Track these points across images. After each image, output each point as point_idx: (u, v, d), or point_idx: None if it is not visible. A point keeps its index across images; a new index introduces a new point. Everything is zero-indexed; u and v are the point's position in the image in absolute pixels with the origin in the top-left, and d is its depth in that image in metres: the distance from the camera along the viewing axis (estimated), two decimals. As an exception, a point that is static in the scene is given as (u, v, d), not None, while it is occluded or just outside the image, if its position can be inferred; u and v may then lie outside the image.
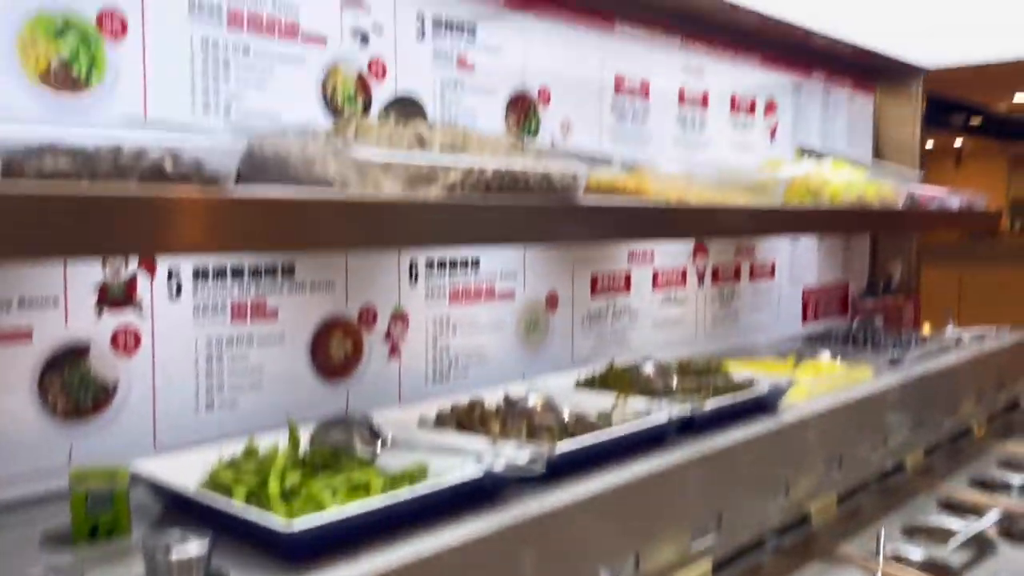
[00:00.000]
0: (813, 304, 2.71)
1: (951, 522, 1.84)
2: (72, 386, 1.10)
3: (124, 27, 1.12)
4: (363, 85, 1.41)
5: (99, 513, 0.97)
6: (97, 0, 1.09)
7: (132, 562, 0.89)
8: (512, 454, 1.12)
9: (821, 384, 1.83)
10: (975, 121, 9.37)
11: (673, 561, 1.29)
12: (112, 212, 0.74)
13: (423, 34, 1.51)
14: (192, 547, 0.83)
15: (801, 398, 1.69)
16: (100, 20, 1.10)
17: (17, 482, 1.05)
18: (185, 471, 1.02)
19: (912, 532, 1.78)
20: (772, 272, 2.52)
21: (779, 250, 2.53)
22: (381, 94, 1.44)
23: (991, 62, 2.83)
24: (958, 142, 12.21)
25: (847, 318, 2.83)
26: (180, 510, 1.00)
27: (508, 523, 1.03)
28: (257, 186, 0.91)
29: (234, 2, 1.24)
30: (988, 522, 1.78)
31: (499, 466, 1.07)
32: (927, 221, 2.28)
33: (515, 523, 1.04)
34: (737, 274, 2.37)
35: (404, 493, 0.97)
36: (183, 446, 1.14)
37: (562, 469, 1.17)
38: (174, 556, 0.82)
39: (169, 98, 1.17)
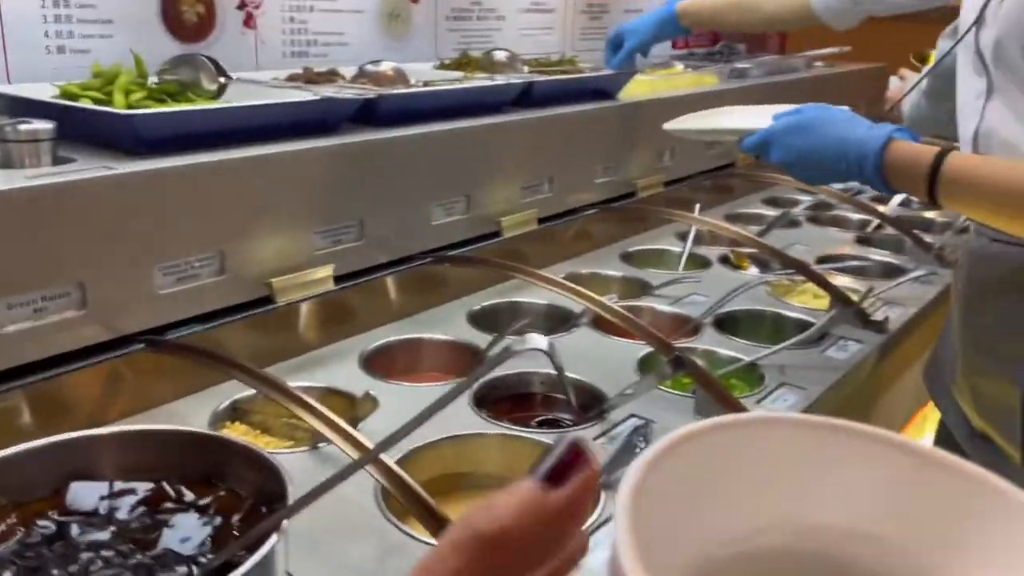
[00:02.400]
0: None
1: (767, 211, 2.09)
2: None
3: None
4: None
5: (-49, 117, 1.04)
6: None
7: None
8: (350, 90, 1.23)
9: (664, 83, 1.97)
10: None
11: (503, 209, 1.47)
12: None
13: None
14: (39, 124, 0.93)
15: (643, 92, 1.84)
16: None
17: None
18: (37, 91, 1.09)
19: (732, 217, 2.03)
20: (645, -11, 2.58)
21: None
22: None
23: None
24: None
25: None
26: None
27: (340, 143, 1.16)
28: None
29: None
30: (800, 208, 2.04)
31: (336, 94, 1.18)
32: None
33: (348, 144, 1.17)
34: (608, -11, 2.43)
35: (246, 105, 1.08)
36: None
37: (398, 115, 1.29)
38: (22, 127, 0.92)
39: None
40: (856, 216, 2.02)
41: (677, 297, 1.48)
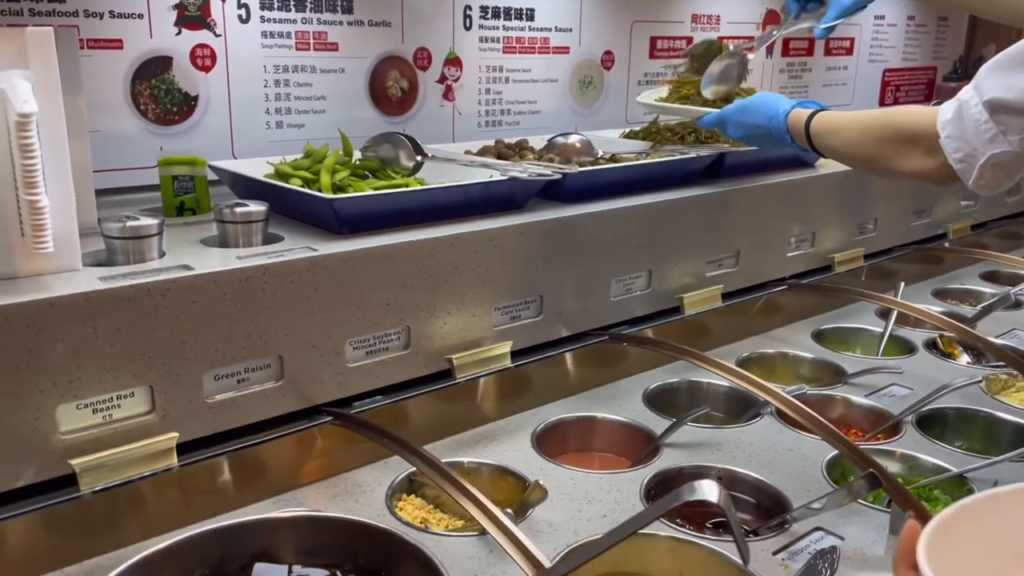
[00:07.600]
0: (893, 86, 2.65)
1: (985, 287, 1.90)
2: (159, 94, 1.27)
3: None
4: None
5: (183, 193, 1.16)
6: None
7: (208, 229, 1.09)
8: (537, 169, 1.25)
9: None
10: None
11: (685, 284, 1.43)
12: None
13: None
14: (253, 207, 1.02)
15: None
16: None
17: (118, 173, 1.25)
18: (254, 168, 1.20)
19: (941, 294, 1.86)
20: (850, 49, 2.46)
21: (860, 25, 2.46)
22: None
23: None
24: None
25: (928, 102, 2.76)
26: (248, 195, 1.18)
27: (526, 222, 1.18)
28: None
29: None
30: (1020, 288, 1.84)
31: (524, 175, 1.20)
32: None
33: (532, 223, 1.18)
34: (811, 48, 2.34)
35: (435, 187, 1.12)
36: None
37: (583, 191, 1.29)
38: (239, 210, 1.01)
39: None
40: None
41: (875, 388, 1.37)
